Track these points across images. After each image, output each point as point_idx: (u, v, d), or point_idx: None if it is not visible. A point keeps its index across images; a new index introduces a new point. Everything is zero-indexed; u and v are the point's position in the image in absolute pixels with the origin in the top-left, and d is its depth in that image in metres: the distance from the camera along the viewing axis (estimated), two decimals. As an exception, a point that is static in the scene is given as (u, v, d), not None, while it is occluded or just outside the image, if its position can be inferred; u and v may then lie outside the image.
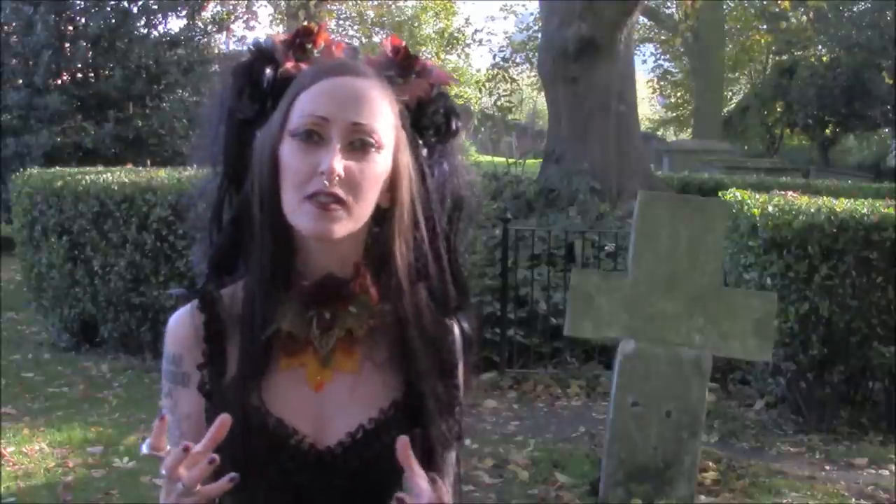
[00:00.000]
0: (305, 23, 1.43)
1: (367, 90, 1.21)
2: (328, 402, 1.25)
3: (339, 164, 1.17)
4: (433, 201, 1.29)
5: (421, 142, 1.30)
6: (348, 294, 1.25)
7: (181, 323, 1.28)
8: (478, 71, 27.11)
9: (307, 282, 1.24)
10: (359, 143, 1.19)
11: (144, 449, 1.11)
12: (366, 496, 1.23)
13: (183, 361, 1.27)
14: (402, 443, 1.12)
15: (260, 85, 1.27)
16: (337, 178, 1.17)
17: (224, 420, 1.09)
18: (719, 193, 6.60)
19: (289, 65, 1.28)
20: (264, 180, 1.22)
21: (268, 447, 1.20)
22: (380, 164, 1.21)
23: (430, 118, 1.31)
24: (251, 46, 1.32)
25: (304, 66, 1.28)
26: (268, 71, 1.28)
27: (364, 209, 1.21)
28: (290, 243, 1.24)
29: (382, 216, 1.25)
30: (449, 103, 1.33)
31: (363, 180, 1.19)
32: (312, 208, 1.17)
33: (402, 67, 1.31)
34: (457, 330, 1.32)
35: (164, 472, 1.08)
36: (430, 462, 1.27)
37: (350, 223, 1.19)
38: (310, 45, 1.30)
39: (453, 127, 1.33)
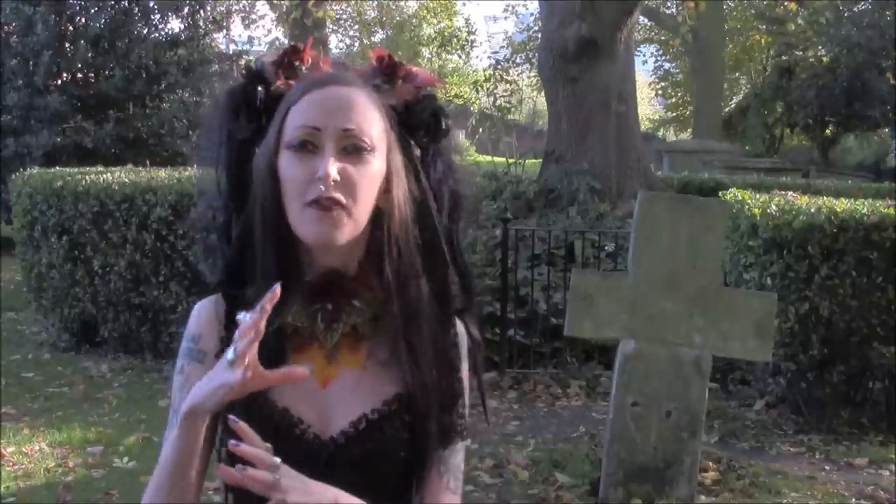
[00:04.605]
0: (306, 24, 1.48)
1: (354, 96, 1.27)
2: (333, 397, 1.29)
3: (333, 168, 1.23)
4: (429, 199, 1.34)
5: (413, 142, 1.35)
6: (351, 289, 1.30)
7: (205, 306, 1.36)
8: (475, 71, 27.11)
9: (311, 277, 1.29)
10: (351, 148, 1.25)
11: (242, 316, 1.15)
12: (367, 488, 1.25)
13: (202, 340, 1.33)
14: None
15: (254, 105, 1.34)
16: (333, 182, 1.22)
17: (276, 289, 1.13)
18: (719, 193, 6.60)
19: (279, 83, 1.34)
20: (266, 194, 1.27)
21: (273, 437, 1.22)
22: (374, 166, 1.27)
23: (418, 118, 1.35)
24: (242, 70, 1.38)
25: (293, 82, 1.34)
26: (259, 90, 1.34)
27: (363, 210, 1.26)
28: (294, 251, 1.29)
29: (382, 218, 1.29)
30: (436, 104, 1.37)
31: (359, 181, 1.25)
32: (314, 212, 1.23)
33: (387, 75, 1.36)
34: (461, 328, 1.36)
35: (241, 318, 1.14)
36: (425, 457, 1.30)
37: (351, 226, 1.25)
38: (297, 63, 1.36)
39: (443, 126, 1.37)
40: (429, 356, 1.31)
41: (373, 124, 1.27)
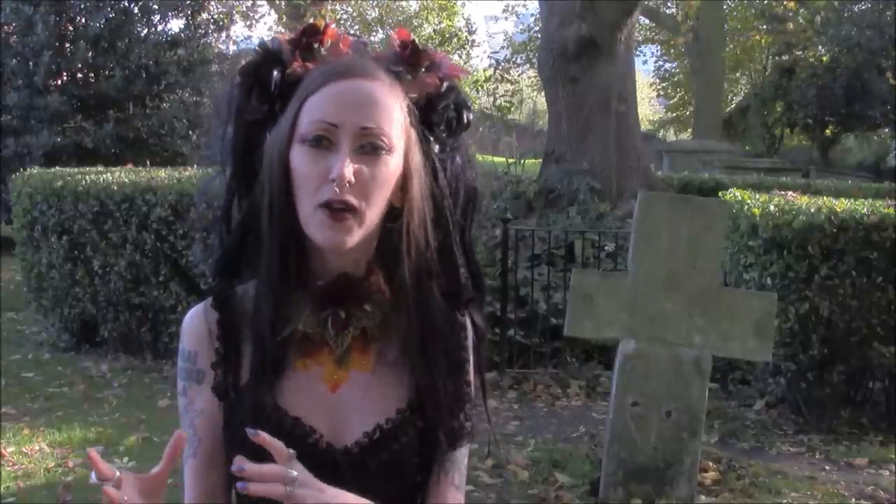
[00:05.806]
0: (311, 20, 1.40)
1: (376, 92, 1.19)
2: (344, 403, 1.25)
3: (348, 170, 1.16)
4: (447, 196, 1.28)
5: (432, 137, 1.28)
6: (362, 292, 1.25)
7: (195, 320, 1.28)
8: (475, 71, 27.14)
9: (321, 282, 1.24)
10: (369, 147, 1.18)
11: (93, 478, 1.09)
12: (381, 494, 1.23)
13: (198, 359, 1.27)
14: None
15: (268, 87, 1.26)
16: (347, 185, 1.16)
17: (179, 436, 1.11)
18: (719, 193, 6.60)
19: (296, 65, 1.26)
20: (275, 185, 1.21)
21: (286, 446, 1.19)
22: (390, 166, 1.20)
23: (440, 114, 1.28)
24: (258, 47, 1.30)
25: (310, 66, 1.26)
26: (275, 72, 1.26)
27: (375, 212, 1.20)
28: (302, 246, 1.23)
29: (396, 214, 1.24)
30: (460, 97, 1.30)
31: (374, 183, 1.18)
32: (325, 218, 1.17)
33: (410, 63, 1.28)
34: (469, 324, 1.32)
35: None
36: (435, 459, 1.28)
37: (361, 230, 1.19)
38: (316, 45, 1.28)
39: (465, 120, 1.31)
40: (440, 358, 1.27)
41: (393, 122, 1.20)
